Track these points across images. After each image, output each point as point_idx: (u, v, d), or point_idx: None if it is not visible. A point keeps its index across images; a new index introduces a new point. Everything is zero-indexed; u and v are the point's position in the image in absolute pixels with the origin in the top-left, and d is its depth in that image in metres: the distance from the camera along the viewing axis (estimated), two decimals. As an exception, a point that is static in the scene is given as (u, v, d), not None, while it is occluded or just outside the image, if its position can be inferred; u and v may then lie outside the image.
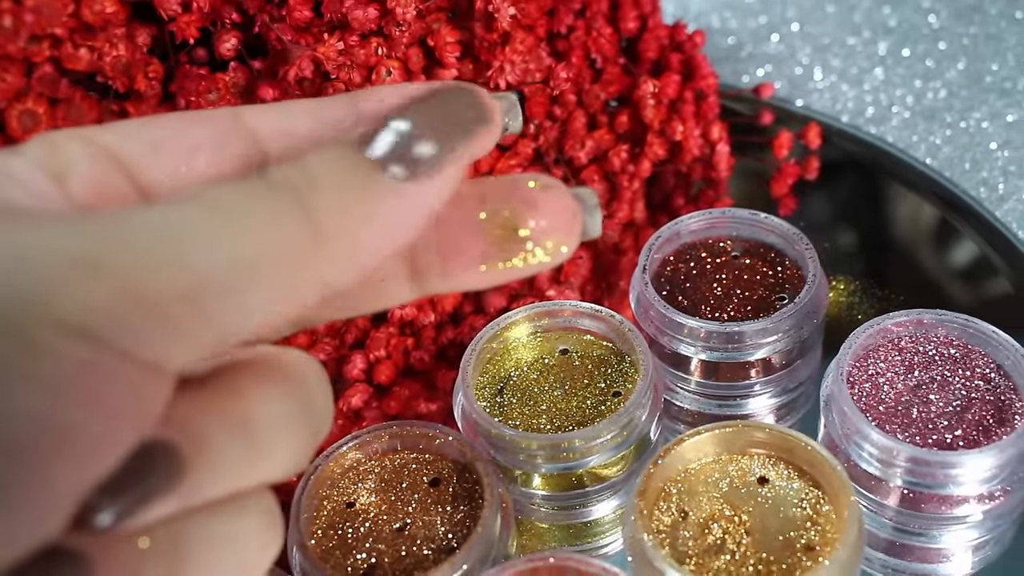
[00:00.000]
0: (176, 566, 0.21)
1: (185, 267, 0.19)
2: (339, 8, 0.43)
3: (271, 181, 0.21)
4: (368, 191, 0.22)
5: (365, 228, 0.22)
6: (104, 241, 0.19)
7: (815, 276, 0.45)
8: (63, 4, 0.37)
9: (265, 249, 0.20)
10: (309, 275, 0.21)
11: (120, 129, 0.25)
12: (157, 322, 0.19)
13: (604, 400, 0.42)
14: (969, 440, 0.40)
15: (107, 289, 0.19)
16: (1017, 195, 0.56)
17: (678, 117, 0.55)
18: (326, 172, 0.22)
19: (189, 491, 0.21)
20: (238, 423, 0.22)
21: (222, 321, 0.20)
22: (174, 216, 0.20)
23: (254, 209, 0.21)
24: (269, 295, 0.21)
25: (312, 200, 0.21)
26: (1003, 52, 0.65)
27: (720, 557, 0.37)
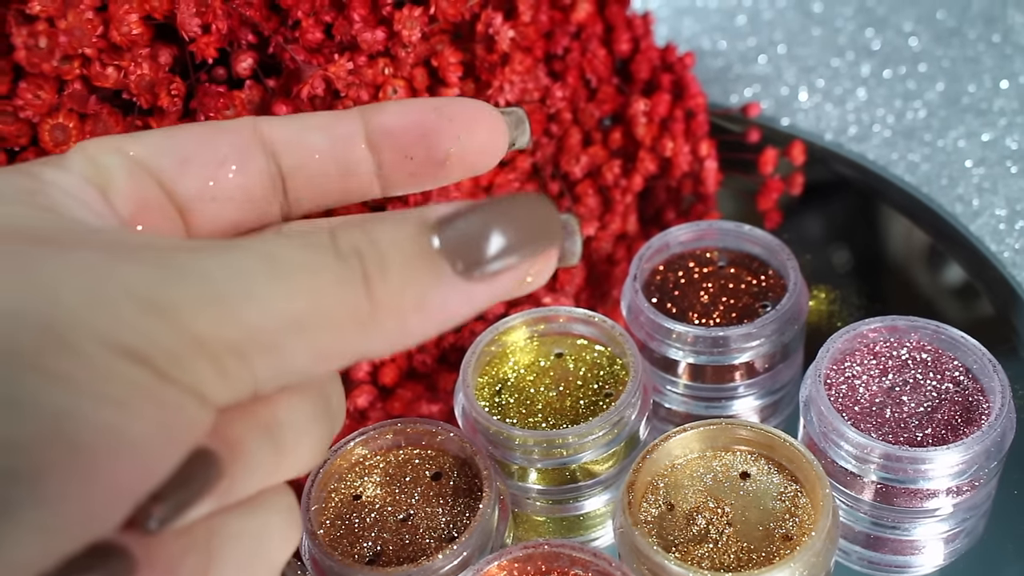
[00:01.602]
0: (210, 560, 0.23)
1: (241, 322, 0.21)
2: (349, 30, 0.46)
3: (340, 250, 0.22)
4: (431, 282, 0.22)
5: (417, 314, 0.22)
6: (171, 284, 0.20)
7: (796, 285, 0.47)
8: (93, 26, 0.40)
9: (319, 316, 0.21)
10: (352, 346, 0.22)
11: (149, 141, 0.26)
12: (209, 366, 0.20)
13: (596, 400, 0.45)
14: (939, 438, 0.42)
15: (170, 331, 0.20)
16: (990, 211, 0.59)
17: (668, 134, 0.57)
18: (396, 253, 0.22)
19: (224, 493, 0.22)
20: (267, 427, 0.23)
21: (262, 374, 0.21)
22: (239, 269, 0.21)
23: (318, 276, 0.21)
24: (310, 358, 0.22)
25: (376, 279, 0.21)
26: (980, 74, 0.68)
27: (703, 546, 0.39)
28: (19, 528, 0.18)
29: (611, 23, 0.57)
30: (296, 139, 0.27)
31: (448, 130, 0.27)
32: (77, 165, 0.25)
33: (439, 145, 0.27)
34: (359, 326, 0.22)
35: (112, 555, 0.20)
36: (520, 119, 0.28)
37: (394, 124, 0.28)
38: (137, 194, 0.25)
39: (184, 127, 0.27)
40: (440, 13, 0.47)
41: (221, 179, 0.27)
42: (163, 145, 0.26)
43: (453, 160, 0.27)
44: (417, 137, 0.27)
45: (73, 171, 0.24)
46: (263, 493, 0.24)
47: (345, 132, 0.28)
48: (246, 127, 0.27)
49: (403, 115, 0.28)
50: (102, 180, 0.25)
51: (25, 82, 0.40)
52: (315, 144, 0.28)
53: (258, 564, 0.24)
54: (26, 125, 0.41)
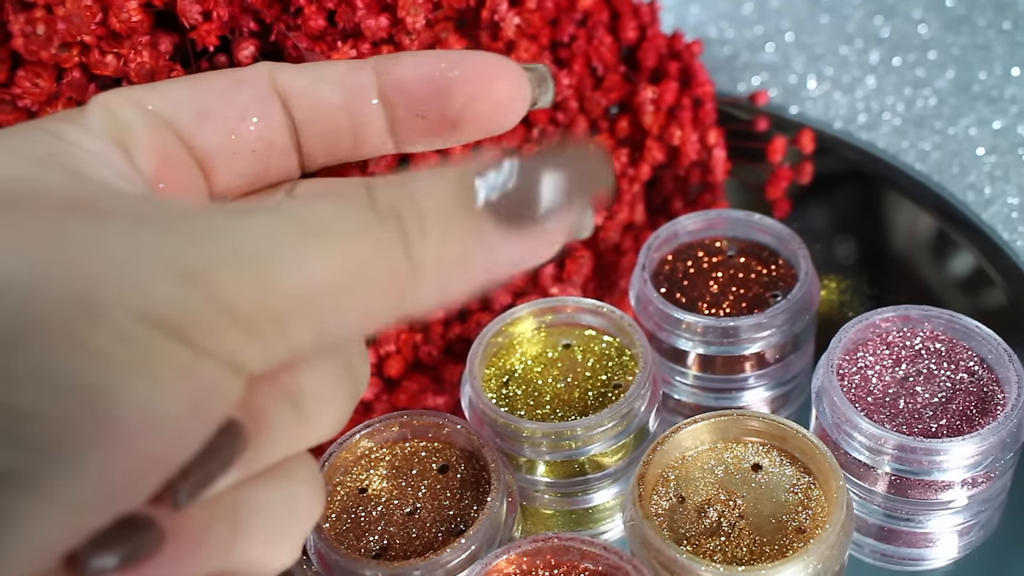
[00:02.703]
0: (236, 530, 0.22)
1: (278, 288, 0.20)
2: (352, 17, 0.45)
3: (379, 209, 0.21)
4: (472, 236, 0.21)
5: (460, 269, 0.22)
6: (204, 252, 0.20)
7: (807, 274, 0.47)
8: (92, 13, 0.39)
9: (357, 280, 0.20)
10: (393, 305, 0.21)
11: (168, 93, 0.25)
12: (244, 333, 0.20)
13: (605, 392, 0.44)
14: (953, 429, 0.42)
15: (203, 300, 0.19)
16: (1002, 199, 0.58)
17: (676, 123, 0.57)
18: (435, 206, 0.21)
19: (249, 463, 0.22)
20: (290, 395, 0.23)
21: (302, 339, 0.21)
22: (273, 232, 0.20)
23: (357, 237, 0.21)
24: (349, 321, 0.21)
25: (416, 236, 0.21)
26: (991, 62, 0.67)
27: (715, 539, 0.39)
28: (48, 502, 0.18)
29: (617, 10, 0.57)
30: (308, 90, 0.27)
31: (461, 87, 0.26)
32: (98, 122, 0.24)
33: (452, 103, 0.26)
34: (399, 286, 0.21)
35: (140, 527, 0.20)
36: (543, 76, 0.27)
37: (407, 78, 0.27)
38: (158, 150, 0.25)
39: (203, 77, 0.26)
40: (444, 0, 0.46)
41: (243, 132, 0.26)
42: (182, 98, 0.25)
43: (468, 118, 0.26)
44: (429, 94, 0.26)
45: (95, 129, 0.24)
46: (286, 462, 0.24)
47: (357, 84, 0.27)
48: (264, 75, 0.26)
49: (417, 68, 0.27)
50: (123, 137, 0.24)
51: (23, 70, 0.39)
52: (326, 97, 0.27)
53: (284, 533, 0.24)
54: (24, 114, 0.40)
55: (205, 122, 0.25)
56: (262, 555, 0.23)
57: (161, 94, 0.25)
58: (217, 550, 0.22)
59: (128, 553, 0.20)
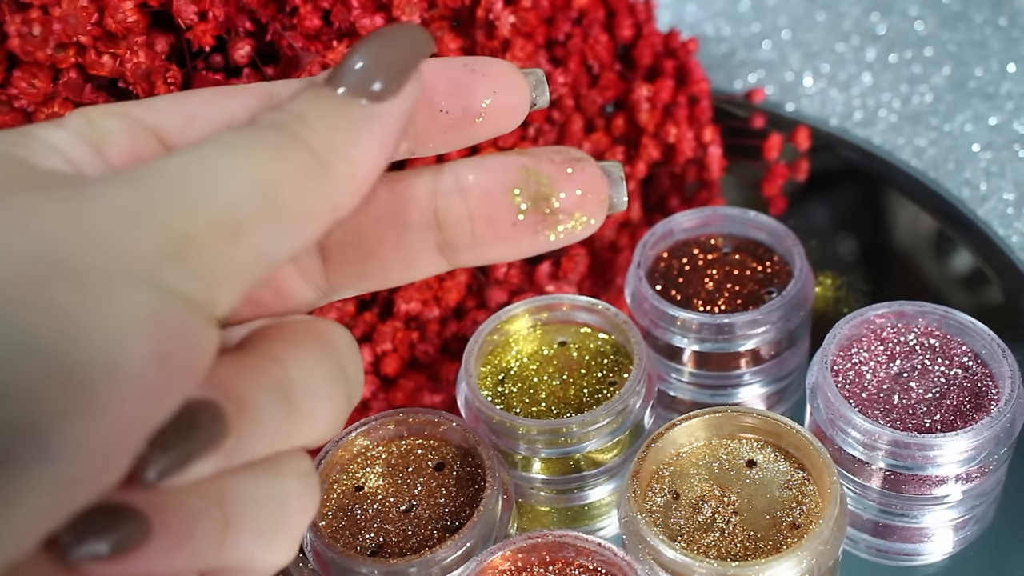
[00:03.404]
0: (226, 524, 0.22)
1: (222, 201, 0.21)
2: (347, 17, 0.45)
3: (267, 123, 0.23)
4: (348, 117, 0.24)
5: (356, 148, 0.23)
6: (150, 190, 0.20)
7: (802, 271, 0.47)
8: (88, 14, 0.40)
9: (281, 174, 0.22)
10: (321, 196, 0.23)
11: (155, 105, 0.26)
12: (209, 259, 0.20)
13: (600, 389, 0.44)
14: (947, 424, 0.42)
15: (162, 234, 0.20)
16: (998, 195, 0.58)
17: (672, 121, 0.57)
18: (310, 108, 0.23)
19: (232, 450, 0.22)
20: (277, 386, 0.23)
21: (262, 248, 0.21)
22: (199, 157, 0.22)
23: (261, 144, 0.22)
24: (291, 220, 0.22)
25: (306, 132, 0.23)
26: (987, 58, 0.67)
27: (710, 534, 0.39)
28: (26, 485, 0.17)
29: (613, 8, 0.57)
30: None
31: (483, 85, 0.27)
32: (73, 124, 0.24)
33: (475, 100, 0.27)
34: (316, 176, 0.23)
35: (126, 517, 0.20)
36: (540, 79, 0.28)
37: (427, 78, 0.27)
38: (134, 151, 0.25)
39: (193, 91, 0.26)
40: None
41: None
42: (170, 108, 0.26)
43: (487, 115, 0.27)
44: (450, 91, 0.27)
45: (67, 128, 0.24)
46: (278, 457, 0.24)
47: None
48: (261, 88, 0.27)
49: (435, 71, 0.27)
50: (97, 138, 0.24)
51: (19, 71, 0.40)
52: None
53: (277, 530, 0.24)
54: (21, 114, 0.40)
55: (191, 126, 0.25)
56: (256, 552, 0.23)
57: (147, 106, 0.26)
58: (207, 544, 0.22)
59: (114, 543, 0.20)
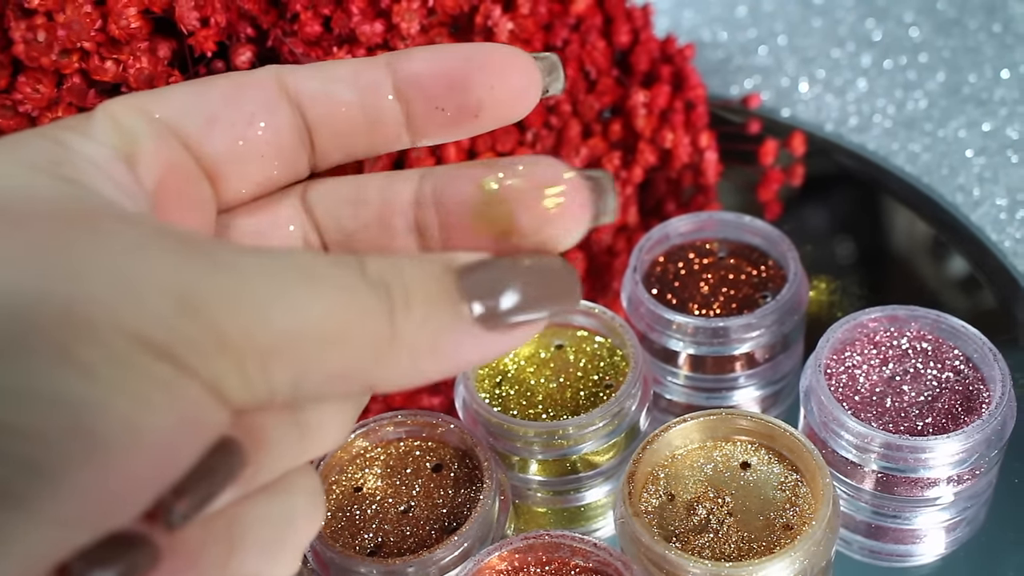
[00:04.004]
0: (233, 546, 0.23)
1: (269, 326, 0.20)
2: (347, 23, 0.46)
3: (369, 276, 0.22)
4: (450, 324, 0.22)
5: (432, 354, 0.22)
6: (207, 283, 0.20)
7: (796, 275, 0.47)
8: (91, 20, 0.40)
9: (343, 333, 0.21)
10: (367, 373, 0.22)
11: (175, 101, 0.25)
12: (231, 366, 0.20)
13: (597, 392, 0.45)
14: (939, 427, 0.42)
15: (199, 328, 0.20)
16: (991, 200, 0.59)
17: (668, 126, 0.57)
18: (421, 290, 0.22)
19: (248, 480, 0.22)
20: (289, 412, 0.23)
21: (281, 381, 0.21)
22: (273, 274, 0.21)
23: (346, 296, 0.21)
24: (327, 375, 0.21)
25: (400, 312, 0.22)
26: (981, 64, 0.68)
27: (704, 536, 0.39)
28: (35, 520, 0.18)
29: (610, 15, 0.57)
30: (321, 91, 0.27)
31: (479, 79, 0.26)
32: (102, 132, 0.24)
33: (471, 95, 0.26)
34: (378, 354, 0.22)
35: (136, 545, 0.20)
36: (554, 65, 0.27)
37: (422, 72, 0.27)
38: (164, 160, 0.25)
39: (208, 81, 0.26)
40: (439, 5, 0.47)
41: (250, 137, 0.26)
42: (188, 105, 0.25)
43: (487, 108, 0.26)
44: (447, 87, 0.26)
45: (99, 139, 0.24)
46: (286, 477, 0.24)
47: (371, 82, 0.27)
48: (270, 79, 0.26)
49: (431, 62, 0.27)
50: (128, 148, 0.24)
51: (24, 76, 0.40)
52: (341, 96, 0.27)
53: (283, 547, 0.24)
54: (25, 119, 0.41)
55: (213, 128, 0.25)
56: (260, 568, 0.23)
57: (168, 101, 0.25)
58: (213, 567, 0.22)
59: (123, 571, 0.20)
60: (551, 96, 0.28)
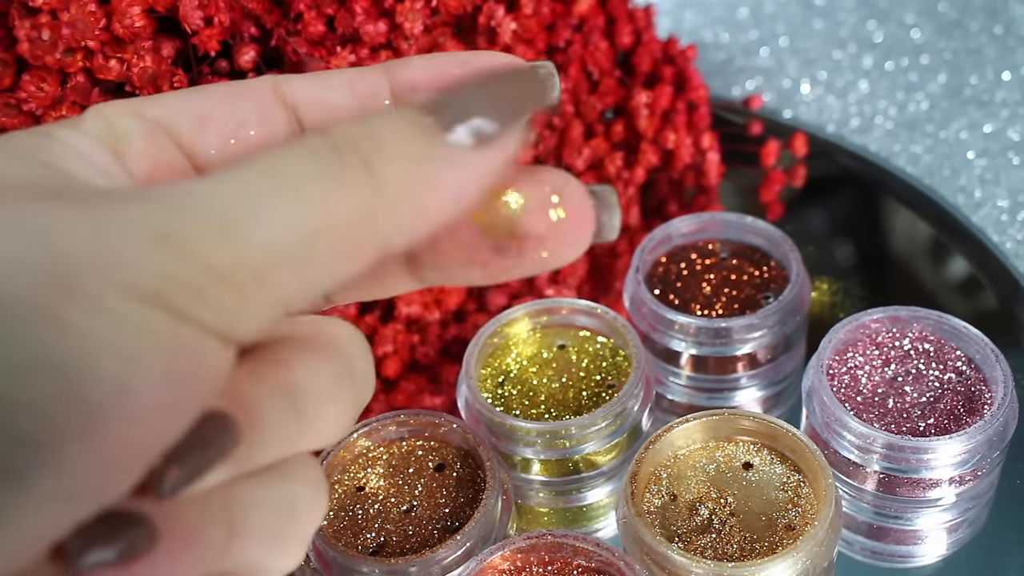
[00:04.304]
0: (232, 529, 0.22)
1: (254, 241, 0.20)
2: (351, 23, 0.46)
3: (336, 143, 0.21)
4: (432, 156, 0.22)
5: (428, 192, 0.22)
6: (178, 216, 0.20)
7: (798, 276, 0.48)
8: (95, 19, 0.40)
9: (330, 216, 0.20)
10: (372, 238, 0.21)
11: (168, 102, 0.25)
12: (229, 294, 0.20)
13: (599, 392, 0.45)
14: (941, 428, 0.42)
15: (183, 261, 0.19)
16: (992, 202, 0.59)
17: (670, 127, 0.57)
18: (392, 135, 0.21)
19: (241, 458, 0.22)
20: (286, 392, 0.23)
21: (288, 292, 0.21)
22: (242, 188, 0.20)
23: (320, 174, 0.21)
24: (334, 262, 0.21)
25: (378, 162, 0.21)
26: (982, 66, 0.68)
27: (707, 536, 0.39)
28: (32, 497, 0.18)
29: (613, 15, 0.57)
30: (318, 96, 0.27)
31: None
32: (91, 126, 0.24)
33: None
34: (372, 217, 0.21)
35: (133, 523, 0.20)
36: (549, 73, 0.27)
37: (419, 79, 0.27)
38: (153, 155, 0.24)
39: (204, 88, 0.26)
40: (442, 5, 0.47)
41: (242, 138, 0.26)
42: (182, 106, 0.25)
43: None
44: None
45: (86, 131, 0.24)
46: (286, 462, 0.24)
47: (369, 88, 0.27)
48: (266, 86, 0.26)
49: (428, 70, 0.27)
50: (116, 141, 0.24)
51: (28, 75, 0.40)
52: (338, 101, 0.27)
53: (284, 535, 0.23)
54: (29, 118, 0.41)
55: (205, 127, 0.25)
56: (263, 557, 0.23)
57: (161, 104, 0.25)
58: (213, 549, 0.22)
59: (121, 550, 0.20)
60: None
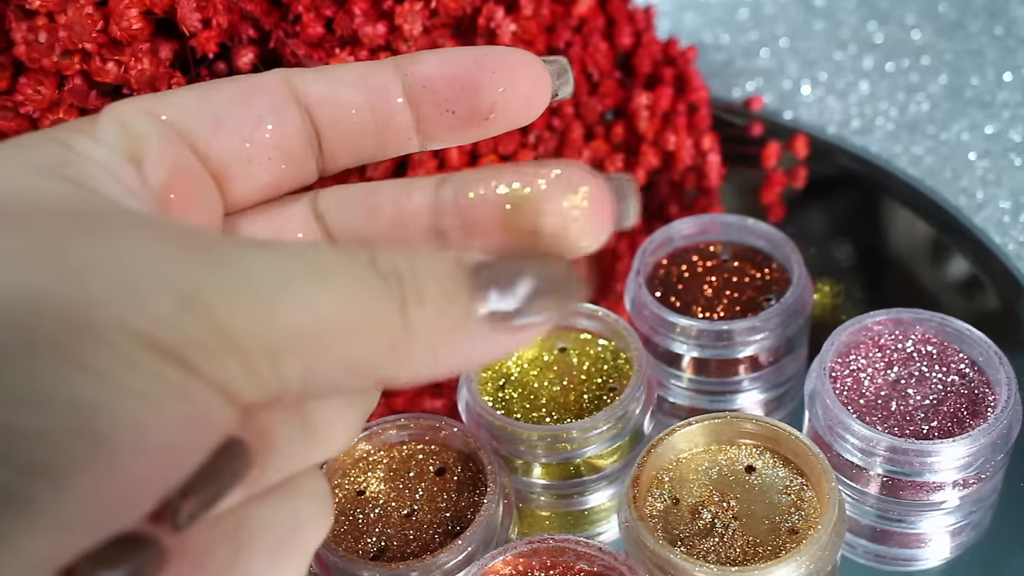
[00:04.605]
0: (240, 548, 0.22)
1: (278, 323, 0.20)
2: (350, 25, 0.45)
3: (380, 268, 0.21)
4: (463, 321, 0.22)
5: (446, 349, 0.22)
6: (211, 279, 0.20)
7: (800, 278, 0.47)
8: (93, 21, 0.40)
9: (355, 327, 0.21)
10: (382, 366, 0.22)
11: (181, 103, 0.25)
12: (239, 364, 0.20)
13: (601, 395, 0.45)
14: (944, 431, 0.42)
15: (206, 325, 0.19)
16: (994, 203, 0.59)
17: (671, 128, 0.57)
18: (434, 284, 0.22)
19: (255, 482, 0.22)
20: (296, 413, 0.23)
21: (292, 378, 0.21)
22: (279, 269, 0.20)
23: (358, 287, 0.21)
24: (340, 370, 0.21)
25: (413, 304, 0.21)
26: (983, 67, 0.68)
27: (709, 540, 0.39)
28: (39, 524, 0.18)
29: (613, 17, 0.57)
30: (330, 94, 0.27)
31: (490, 82, 0.26)
32: (109, 134, 0.24)
33: (482, 98, 0.26)
34: (392, 347, 0.21)
35: (143, 546, 0.20)
36: (563, 68, 0.27)
37: (432, 75, 0.26)
38: (170, 162, 0.24)
39: (216, 85, 0.26)
40: (441, 7, 0.46)
41: (257, 139, 0.26)
42: (196, 108, 0.25)
43: (498, 112, 0.26)
44: (458, 90, 0.26)
45: (106, 141, 0.24)
46: (294, 479, 0.24)
47: (380, 84, 0.27)
48: (279, 82, 0.26)
49: (441, 66, 0.26)
50: (135, 150, 0.24)
51: (25, 77, 0.40)
52: (350, 99, 0.27)
53: (290, 551, 0.24)
54: (26, 121, 0.41)
55: (219, 131, 0.25)
56: (267, 573, 0.23)
57: (175, 104, 0.25)
58: (220, 569, 0.22)
59: (131, 572, 0.20)
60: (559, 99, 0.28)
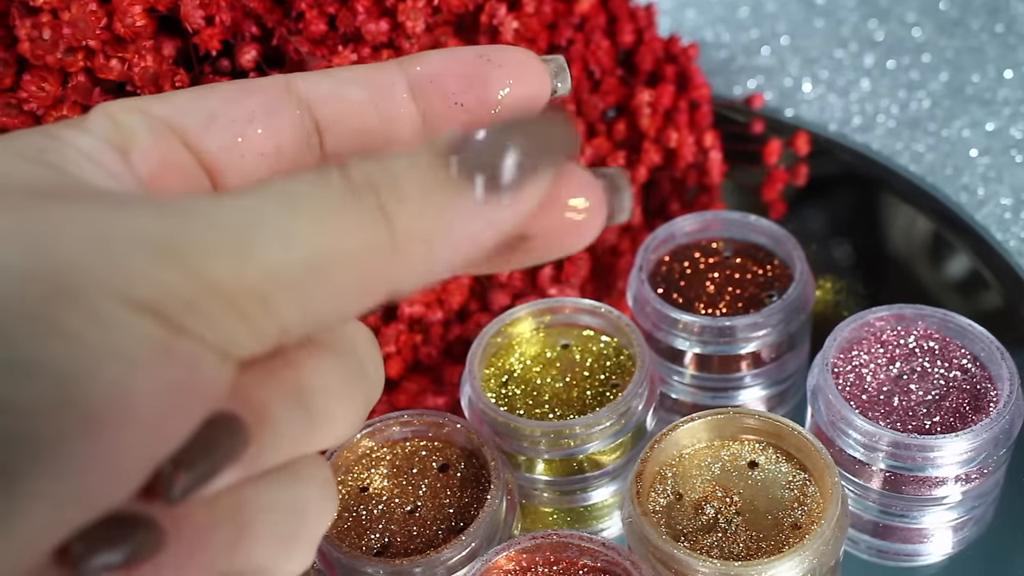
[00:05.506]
0: (241, 532, 0.22)
1: (259, 263, 0.20)
2: (353, 22, 0.45)
3: (353, 181, 0.21)
4: (450, 204, 0.21)
5: (442, 240, 0.21)
6: (184, 230, 0.19)
7: (802, 274, 0.47)
8: (96, 18, 0.40)
9: (340, 251, 0.20)
10: (379, 280, 0.21)
11: (175, 101, 0.25)
12: (228, 312, 0.19)
13: (603, 391, 0.45)
14: (947, 426, 0.42)
15: (184, 276, 0.19)
16: (995, 200, 0.59)
17: (673, 125, 0.57)
18: (411, 179, 0.21)
19: (251, 461, 0.21)
20: (295, 393, 0.22)
21: (288, 317, 0.20)
22: (252, 209, 0.20)
23: (334, 209, 0.20)
24: (337, 296, 0.21)
25: (394, 206, 0.21)
26: (984, 64, 0.68)
27: (712, 535, 0.39)
28: (25, 498, 0.17)
29: (614, 14, 0.57)
30: (333, 92, 0.26)
31: (498, 76, 0.26)
32: (98, 126, 0.24)
33: (490, 91, 0.26)
34: (383, 258, 0.21)
35: (140, 526, 0.20)
36: (561, 67, 0.27)
37: (439, 70, 0.26)
38: (160, 154, 0.24)
39: (214, 85, 0.26)
40: (444, 4, 0.46)
41: (249, 135, 0.26)
42: (190, 105, 0.25)
43: (506, 105, 0.26)
44: (465, 84, 0.26)
45: (92, 131, 0.24)
46: (295, 464, 0.23)
47: (384, 81, 0.27)
48: (276, 84, 0.26)
49: (447, 63, 0.26)
50: (123, 141, 0.24)
51: (29, 74, 0.40)
52: (353, 96, 0.26)
53: (293, 537, 0.23)
54: (30, 118, 0.41)
55: (211, 125, 0.25)
56: (271, 559, 0.23)
57: (167, 102, 0.25)
58: (220, 552, 0.22)
59: (127, 553, 0.19)
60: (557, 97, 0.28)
